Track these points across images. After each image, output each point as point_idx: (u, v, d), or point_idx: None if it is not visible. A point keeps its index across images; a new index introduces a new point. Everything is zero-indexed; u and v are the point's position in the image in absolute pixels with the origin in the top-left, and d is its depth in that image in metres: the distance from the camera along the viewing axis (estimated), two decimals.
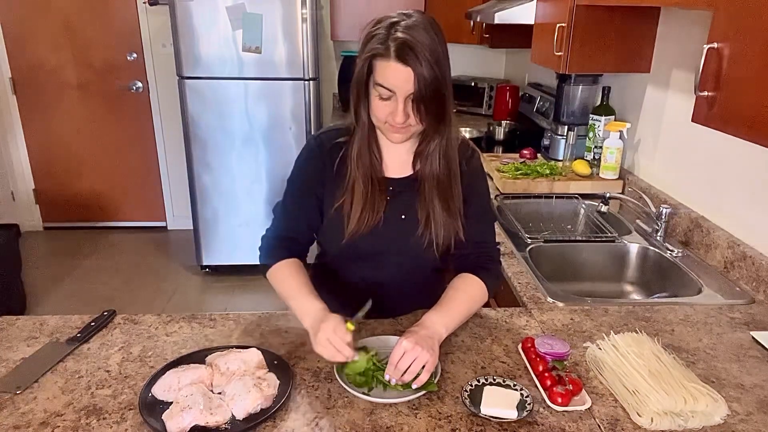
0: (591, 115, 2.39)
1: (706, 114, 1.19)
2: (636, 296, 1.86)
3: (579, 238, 2.03)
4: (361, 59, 1.17)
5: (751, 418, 1.06)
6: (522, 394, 1.08)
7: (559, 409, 1.06)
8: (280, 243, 1.36)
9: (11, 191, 4.28)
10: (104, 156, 4.29)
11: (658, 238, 1.85)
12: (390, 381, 1.09)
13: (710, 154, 1.80)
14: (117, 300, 3.46)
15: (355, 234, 1.26)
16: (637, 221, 2.01)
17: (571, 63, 2.05)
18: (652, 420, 1.03)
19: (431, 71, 1.10)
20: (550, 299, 1.49)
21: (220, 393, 1.07)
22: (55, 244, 4.25)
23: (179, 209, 4.40)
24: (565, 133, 2.47)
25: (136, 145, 4.28)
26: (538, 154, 2.60)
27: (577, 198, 2.21)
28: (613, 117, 2.34)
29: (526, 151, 2.58)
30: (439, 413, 1.06)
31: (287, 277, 1.29)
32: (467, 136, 3.19)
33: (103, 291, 3.59)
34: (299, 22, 3.25)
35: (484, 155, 2.56)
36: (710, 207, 1.80)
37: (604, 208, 1.95)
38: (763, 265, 1.52)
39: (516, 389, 1.10)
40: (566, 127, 2.49)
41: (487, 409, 1.04)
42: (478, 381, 1.12)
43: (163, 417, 0.99)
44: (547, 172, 2.32)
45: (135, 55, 4.06)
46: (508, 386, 1.11)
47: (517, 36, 3.01)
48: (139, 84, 4.12)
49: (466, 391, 1.09)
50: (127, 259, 4.02)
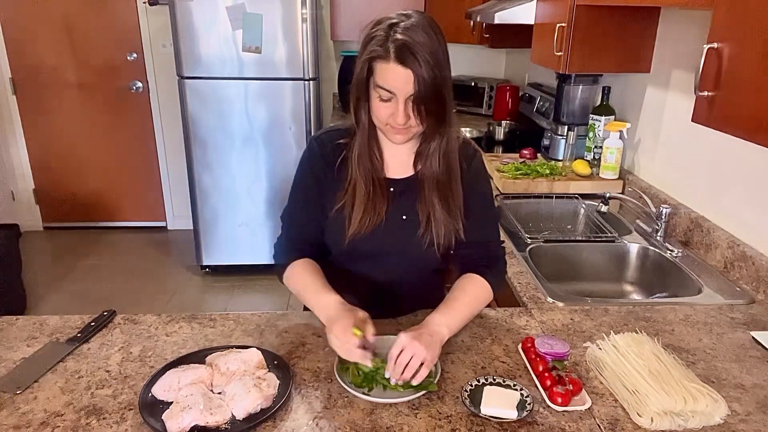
0: (591, 115, 2.40)
1: (706, 114, 1.19)
2: (636, 296, 1.86)
3: (579, 238, 2.03)
4: (360, 61, 1.17)
5: (751, 418, 1.06)
6: (522, 394, 1.08)
7: (559, 409, 1.06)
8: (292, 246, 1.36)
9: (11, 191, 4.28)
10: (104, 156, 4.29)
11: (658, 238, 1.85)
12: (390, 380, 1.09)
13: (710, 154, 1.80)
14: (117, 300, 3.46)
15: (356, 235, 1.26)
16: (637, 221, 2.01)
17: (571, 63, 2.05)
18: (652, 420, 1.03)
19: (431, 72, 1.10)
20: (550, 299, 1.49)
21: (220, 393, 1.07)
22: (55, 244, 4.24)
23: (179, 209, 4.40)
24: (565, 133, 2.47)
25: (136, 145, 4.28)
26: (538, 154, 2.60)
27: (577, 198, 2.21)
28: (613, 117, 2.34)
29: (526, 151, 2.58)
30: (439, 413, 1.06)
31: (301, 276, 1.29)
32: (468, 135, 3.19)
33: (103, 291, 3.59)
34: (299, 22, 3.25)
35: (484, 155, 2.55)
36: (710, 207, 1.80)
37: (604, 208, 1.95)
38: (763, 265, 1.52)
39: (516, 389, 1.10)
40: (566, 127, 2.49)
41: (487, 409, 1.04)
42: (478, 381, 1.12)
43: (163, 417, 0.99)
44: (547, 172, 2.32)
45: (135, 55, 4.06)
46: (508, 386, 1.11)
47: (517, 36, 3.01)
48: (139, 84, 4.12)
49: (466, 391, 1.09)
50: (127, 259, 4.02)
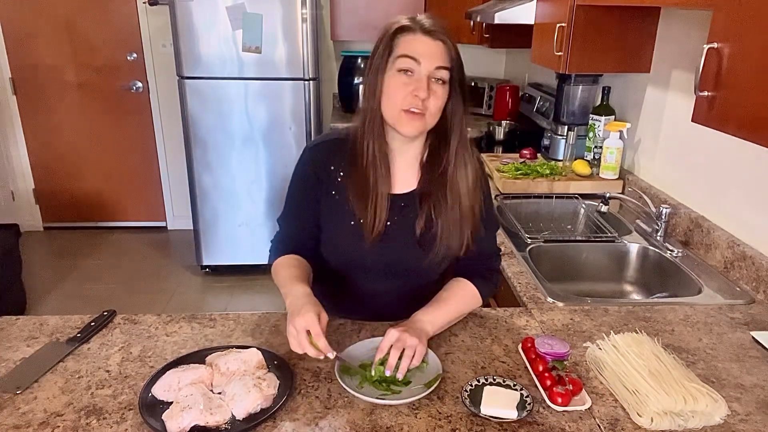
0: (591, 115, 2.39)
1: (706, 114, 1.19)
2: (636, 296, 1.86)
3: (579, 238, 2.03)
4: (383, 40, 1.17)
5: (751, 418, 1.06)
6: (522, 394, 1.08)
7: (559, 409, 1.06)
8: (283, 245, 1.36)
9: (11, 191, 4.28)
10: (104, 156, 4.29)
11: (658, 238, 1.85)
12: (386, 372, 1.10)
13: (710, 154, 1.80)
14: (117, 300, 3.46)
15: (356, 249, 1.26)
16: (637, 221, 2.01)
17: (571, 63, 2.05)
18: (652, 420, 1.03)
19: (456, 53, 1.17)
20: (550, 299, 1.49)
21: (220, 393, 1.07)
22: (55, 244, 4.25)
23: (179, 209, 4.40)
24: (565, 133, 2.47)
25: (136, 145, 4.28)
26: (538, 154, 2.60)
27: (577, 198, 2.21)
28: (613, 117, 2.34)
29: (526, 151, 2.58)
30: (439, 413, 1.06)
31: (281, 269, 1.29)
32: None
33: (103, 291, 3.59)
34: (299, 22, 3.25)
35: (484, 155, 2.56)
36: (710, 207, 1.80)
37: (604, 208, 1.95)
38: (763, 265, 1.52)
39: (516, 389, 1.10)
40: (566, 127, 2.49)
41: (487, 409, 1.04)
42: (478, 381, 1.12)
43: (163, 417, 0.99)
44: (547, 172, 2.32)
45: (135, 55, 4.06)
46: (508, 386, 1.11)
47: (517, 36, 3.01)
48: (139, 84, 4.12)
49: (466, 391, 1.09)
50: (127, 259, 4.02)
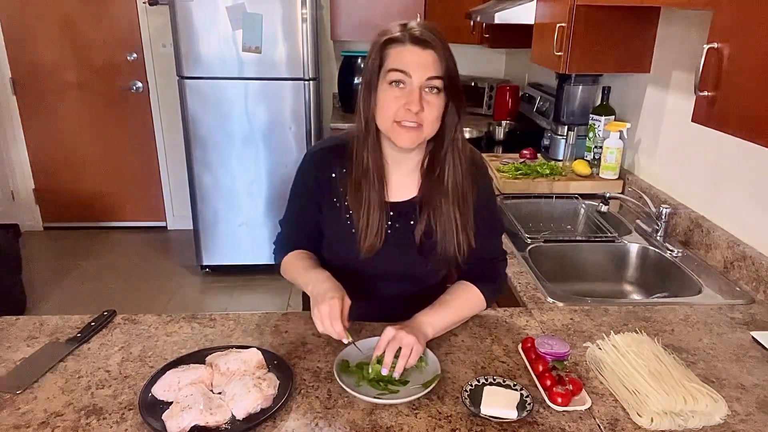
0: (591, 115, 2.39)
1: (706, 114, 1.19)
2: (636, 296, 1.86)
3: (579, 238, 2.03)
4: (373, 52, 1.16)
5: (751, 418, 1.06)
6: (522, 394, 1.08)
7: (559, 409, 1.06)
8: (287, 243, 1.38)
9: (11, 191, 4.28)
10: (104, 156, 4.29)
11: (658, 238, 1.85)
12: (382, 371, 1.11)
13: (710, 154, 1.80)
14: (117, 300, 3.46)
15: (356, 255, 1.26)
16: (637, 221, 2.01)
17: (571, 63, 2.05)
18: (652, 420, 1.03)
19: (448, 60, 1.13)
20: (550, 299, 1.49)
21: (220, 393, 1.07)
22: (55, 244, 4.24)
23: (179, 209, 4.40)
24: (565, 133, 2.47)
25: (136, 145, 4.28)
26: (538, 154, 2.60)
27: (577, 198, 2.21)
28: (613, 117, 2.34)
29: (526, 151, 2.58)
30: (439, 413, 1.06)
31: (294, 261, 1.32)
32: (467, 135, 3.19)
33: (103, 291, 3.59)
34: (299, 22, 3.25)
35: (484, 155, 2.55)
36: (710, 207, 1.80)
37: (604, 208, 1.95)
38: (763, 265, 1.52)
39: (516, 389, 1.10)
40: (566, 127, 2.49)
41: (487, 409, 1.04)
42: (478, 381, 1.12)
43: (163, 417, 0.99)
44: (547, 172, 2.32)
45: (135, 55, 4.06)
46: (508, 386, 1.11)
47: (517, 36, 3.01)
48: (139, 84, 4.12)
49: (466, 391, 1.09)
50: (127, 259, 4.02)
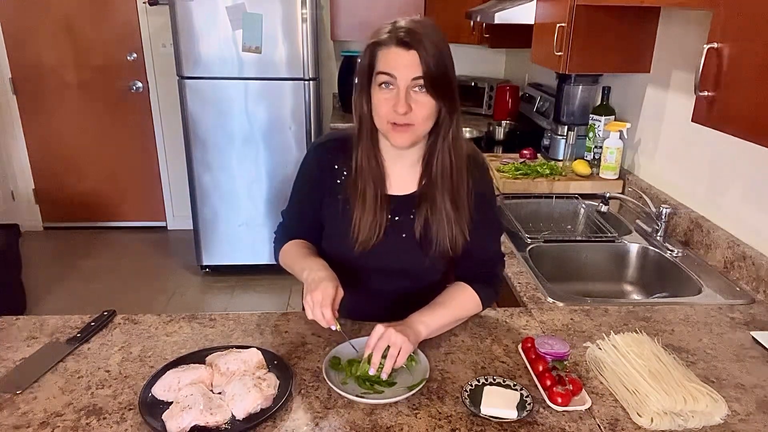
0: (591, 115, 2.39)
1: (706, 114, 1.19)
2: (636, 296, 1.86)
3: (579, 238, 2.03)
4: (364, 55, 1.18)
5: (751, 418, 1.06)
6: (522, 394, 1.08)
7: (559, 409, 1.06)
8: (287, 235, 1.39)
9: (11, 191, 4.28)
10: (104, 156, 4.29)
11: (658, 238, 1.85)
12: (370, 370, 1.10)
13: (710, 154, 1.80)
14: (117, 300, 3.46)
15: (357, 249, 1.26)
16: (637, 221, 2.01)
17: (571, 63, 2.04)
18: (652, 420, 1.03)
19: (436, 57, 1.12)
20: (550, 299, 1.49)
21: (220, 393, 1.07)
22: (55, 244, 4.24)
23: (179, 209, 4.40)
24: (565, 133, 2.47)
25: (136, 145, 4.28)
26: (538, 154, 2.60)
27: (577, 198, 2.21)
28: (613, 117, 2.34)
29: (526, 151, 2.58)
30: (439, 413, 1.06)
31: (292, 250, 1.33)
32: (467, 135, 3.20)
33: (103, 291, 3.59)
34: (299, 22, 3.25)
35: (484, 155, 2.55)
36: (710, 207, 1.80)
37: (604, 208, 1.95)
38: (763, 265, 1.52)
39: (516, 389, 1.10)
40: (566, 127, 2.49)
41: (487, 409, 1.04)
42: (478, 381, 1.12)
43: (163, 417, 0.99)
44: (547, 172, 2.32)
45: (135, 55, 4.06)
46: (508, 386, 1.11)
47: (517, 36, 3.01)
48: (139, 84, 4.12)
49: (466, 391, 1.09)
50: (127, 259, 4.02)
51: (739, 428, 1.04)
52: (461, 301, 1.30)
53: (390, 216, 1.28)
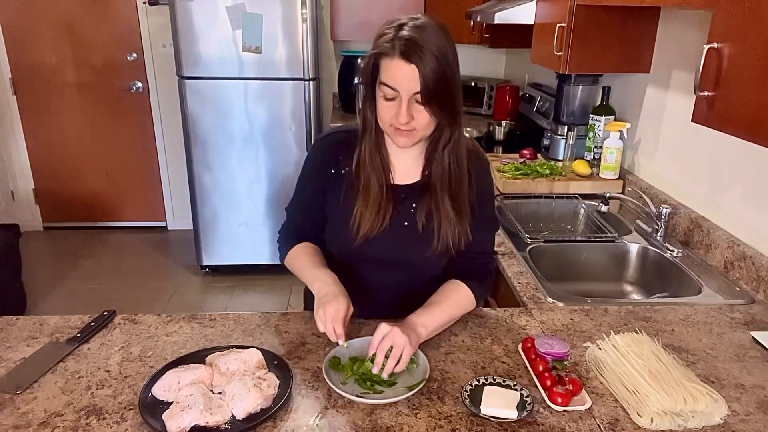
0: (591, 115, 2.39)
1: (706, 114, 1.19)
2: (636, 296, 1.86)
3: (579, 238, 2.03)
4: (367, 58, 1.18)
5: (751, 418, 1.06)
6: (522, 394, 1.08)
7: (559, 409, 1.06)
8: (292, 234, 1.39)
9: (11, 191, 4.28)
10: (104, 156, 4.29)
11: (658, 238, 1.85)
12: (373, 369, 1.11)
13: (710, 154, 1.80)
14: (117, 300, 3.46)
15: (360, 240, 1.27)
16: (637, 221, 2.01)
17: (571, 63, 2.05)
18: (652, 420, 1.03)
19: (437, 70, 1.11)
20: (550, 299, 1.49)
21: (220, 393, 1.07)
22: (55, 244, 4.24)
23: (179, 209, 4.40)
24: (565, 133, 2.47)
25: (136, 145, 4.28)
26: (538, 154, 2.60)
27: (577, 198, 2.21)
28: (613, 117, 2.34)
29: (526, 151, 2.58)
30: (439, 413, 1.06)
31: (300, 255, 1.33)
32: (467, 136, 3.19)
33: (103, 291, 3.59)
34: (299, 22, 3.25)
35: None
36: (710, 207, 1.80)
37: (604, 208, 1.95)
38: (763, 265, 1.52)
39: (516, 389, 1.10)
40: (566, 127, 2.49)
41: (487, 409, 1.04)
42: (478, 381, 1.12)
43: (163, 417, 0.99)
44: (547, 172, 2.32)
45: (135, 55, 4.06)
46: (508, 386, 1.11)
47: (517, 36, 3.01)
48: (139, 84, 4.12)
49: (466, 391, 1.09)
50: (127, 259, 4.02)
51: (739, 428, 1.04)
52: (457, 299, 1.30)
53: (394, 204, 1.29)
